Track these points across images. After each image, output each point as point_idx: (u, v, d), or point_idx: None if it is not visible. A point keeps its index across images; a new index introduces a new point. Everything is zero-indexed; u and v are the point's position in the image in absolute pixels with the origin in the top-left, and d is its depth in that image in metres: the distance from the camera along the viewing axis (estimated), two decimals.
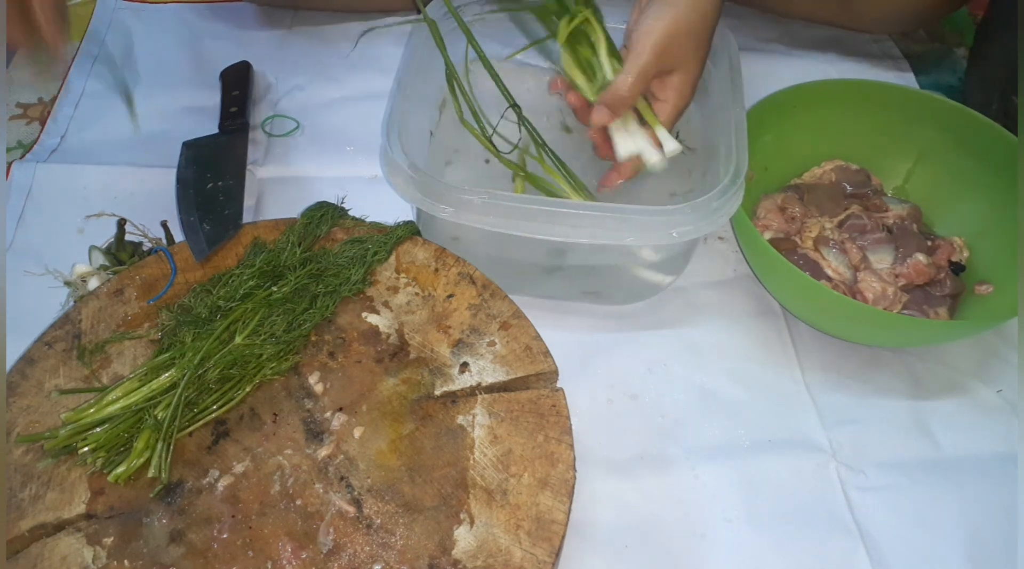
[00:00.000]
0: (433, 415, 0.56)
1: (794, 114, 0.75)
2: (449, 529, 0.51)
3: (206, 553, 0.50)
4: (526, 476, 0.53)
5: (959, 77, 0.93)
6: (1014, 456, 0.63)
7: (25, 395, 0.56)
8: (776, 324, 0.71)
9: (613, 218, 0.59)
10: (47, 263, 0.71)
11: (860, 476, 0.62)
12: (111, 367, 0.58)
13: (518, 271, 0.69)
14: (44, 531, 0.51)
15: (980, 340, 0.70)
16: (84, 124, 0.84)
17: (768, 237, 0.72)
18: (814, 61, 0.92)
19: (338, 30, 0.93)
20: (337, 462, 0.54)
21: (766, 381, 0.67)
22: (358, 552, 0.51)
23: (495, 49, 0.79)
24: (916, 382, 0.68)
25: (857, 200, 0.74)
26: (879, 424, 0.65)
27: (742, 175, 0.61)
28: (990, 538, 0.59)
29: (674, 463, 0.63)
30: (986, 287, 0.69)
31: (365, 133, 0.83)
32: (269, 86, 0.88)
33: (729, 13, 0.86)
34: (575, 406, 0.57)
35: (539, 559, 0.50)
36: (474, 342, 0.60)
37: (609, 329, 0.70)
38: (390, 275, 0.64)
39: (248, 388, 0.57)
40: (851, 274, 0.69)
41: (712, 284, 0.74)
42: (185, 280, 0.63)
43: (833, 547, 0.59)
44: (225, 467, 0.54)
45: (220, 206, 0.69)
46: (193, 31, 0.94)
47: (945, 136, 0.74)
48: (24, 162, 0.78)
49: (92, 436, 0.53)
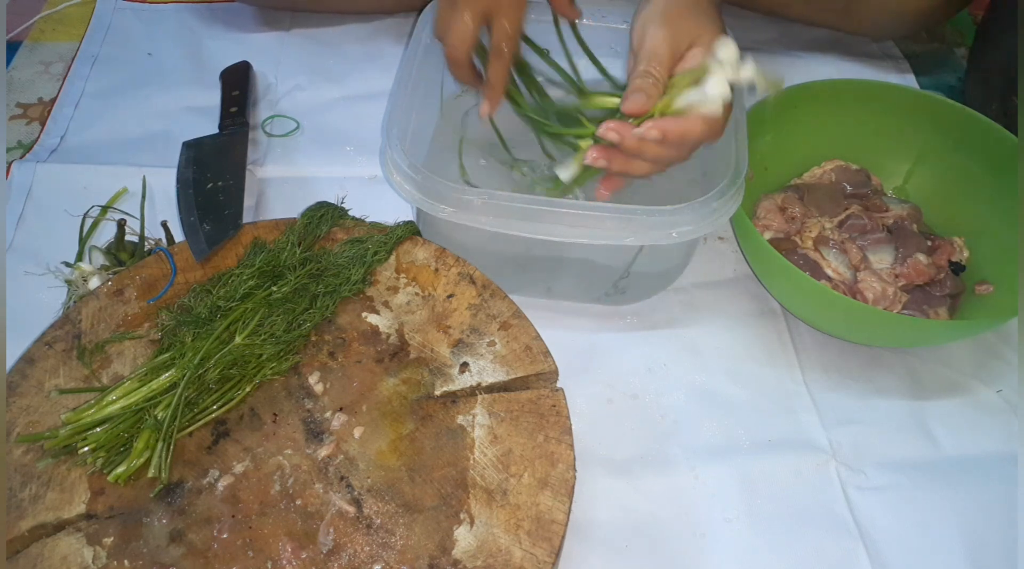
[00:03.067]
0: (433, 415, 0.56)
1: (794, 114, 0.74)
2: (449, 529, 0.51)
3: (206, 553, 0.50)
4: (526, 476, 0.53)
5: (959, 77, 0.93)
6: (1014, 456, 0.63)
7: (25, 395, 0.56)
8: (776, 324, 0.71)
9: (613, 218, 0.59)
10: (47, 263, 0.71)
11: (860, 476, 0.62)
12: (111, 367, 0.58)
13: (518, 271, 0.69)
14: (44, 531, 0.51)
15: (980, 340, 0.70)
16: (84, 124, 0.83)
17: (768, 237, 0.72)
18: (814, 61, 0.92)
19: (338, 30, 0.93)
20: (337, 462, 0.54)
21: (766, 381, 0.67)
22: (358, 552, 0.51)
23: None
24: (916, 382, 0.68)
25: (857, 200, 0.74)
26: (879, 424, 0.65)
27: (742, 175, 0.61)
28: (990, 538, 0.59)
29: (674, 463, 0.63)
30: (986, 287, 0.69)
31: (365, 133, 0.83)
32: (269, 86, 0.88)
33: (729, 13, 0.86)
34: (575, 406, 0.57)
35: (539, 559, 0.50)
36: (474, 342, 0.60)
37: (609, 329, 0.70)
38: (390, 275, 0.64)
39: (248, 388, 0.57)
40: (851, 274, 0.69)
41: (712, 284, 0.74)
42: (185, 280, 0.63)
43: (833, 547, 0.59)
44: (225, 467, 0.54)
45: (220, 206, 0.69)
46: (193, 31, 0.94)
47: (945, 136, 0.74)
48: (24, 162, 0.78)
49: (92, 436, 0.53)
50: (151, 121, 0.84)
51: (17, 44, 0.93)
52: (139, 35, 0.93)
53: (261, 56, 0.89)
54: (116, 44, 0.92)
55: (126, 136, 0.82)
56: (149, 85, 0.87)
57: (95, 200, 0.75)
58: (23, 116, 0.86)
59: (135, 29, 0.94)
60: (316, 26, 0.94)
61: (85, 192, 0.76)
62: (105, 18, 0.95)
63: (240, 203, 0.70)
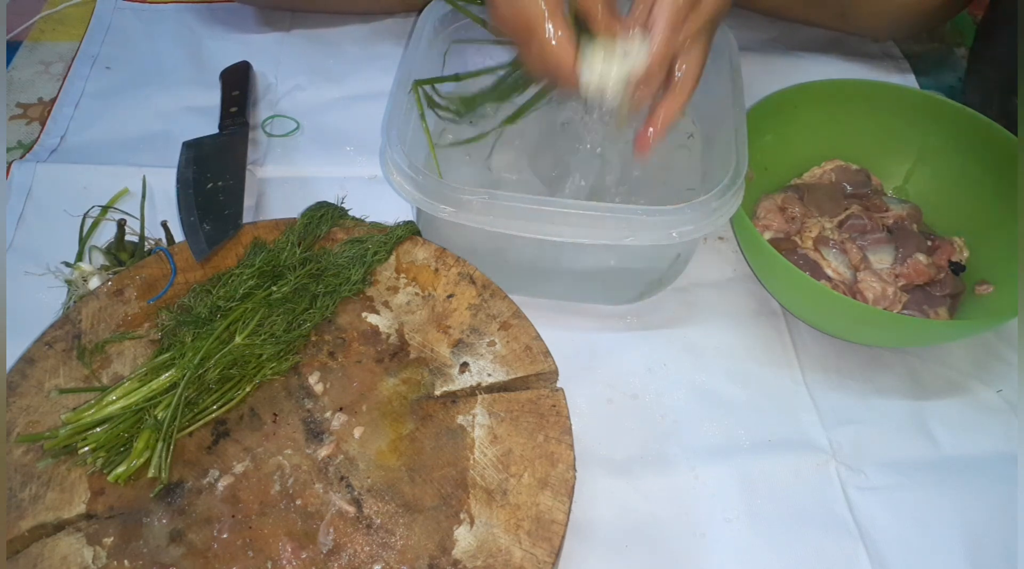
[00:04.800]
0: (433, 415, 0.56)
1: (794, 114, 0.74)
2: (449, 529, 0.51)
3: (206, 553, 0.50)
4: (526, 476, 0.53)
5: (959, 77, 0.93)
6: (1014, 456, 0.63)
7: (25, 395, 0.56)
8: (776, 324, 0.71)
9: (613, 218, 0.59)
10: (47, 263, 0.71)
11: (860, 476, 0.62)
12: (111, 367, 0.58)
13: (518, 271, 0.69)
14: (44, 531, 0.51)
15: (980, 340, 0.70)
16: (84, 124, 0.83)
17: (768, 237, 0.72)
18: (814, 61, 0.92)
19: (338, 30, 0.93)
20: (337, 462, 0.54)
21: (766, 381, 0.67)
22: (358, 552, 0.51)
23: (507, 53, 0.79)
24: (916, 382, 0.68)
25: (857, 200, 0.74)
26: (879, 424, 0.65)
27: (742, 175, 0.61)
28: (990, 538, 0.59)
29: (674, 463, 0.63)
30: (986, 287, 0.69)
31: (365, 133, 0.83)
32: (269, 86, 0.88)
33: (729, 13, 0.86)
34: (575, 406, 0.57)
35: (539, 559, 0.50)
36: (474, 342, 0.60)
37: (609, 329, 0.70)
38: (390, 275, 0.64)
39: (248, 388, 0.57)
40: (851, 274, 0.69)
41: (712, 284, 0.74)
42: (185, 280, 0.63)
43: (833, 547, 0.59)
44: (225, 467, 0.54)
45: (220, 206, 0.69)
46: (193, 31, 0.94)
47: (945, 136, 0.74)
48: (24, 162, 0.78)
49: (92, 436, 0.53)
50: (151, 121, 0.84)
51: (17, 44, 0.93)
52: (139, 35, 0.93)
53: (261, 56, 0.89)
54: (116, 44, 0.92)
55: (126, 136, 0.82)
56: (149, 85, 0.87)
57: (95, 200, 0.75)
58: (23, 116, 0.86)
59: (135, 29, 0.94)
60: (316, 26, 0.94)
61: (85, 192, 0.76)
62: (105, 18, 0.95)
63: (240, 203, 0.70)
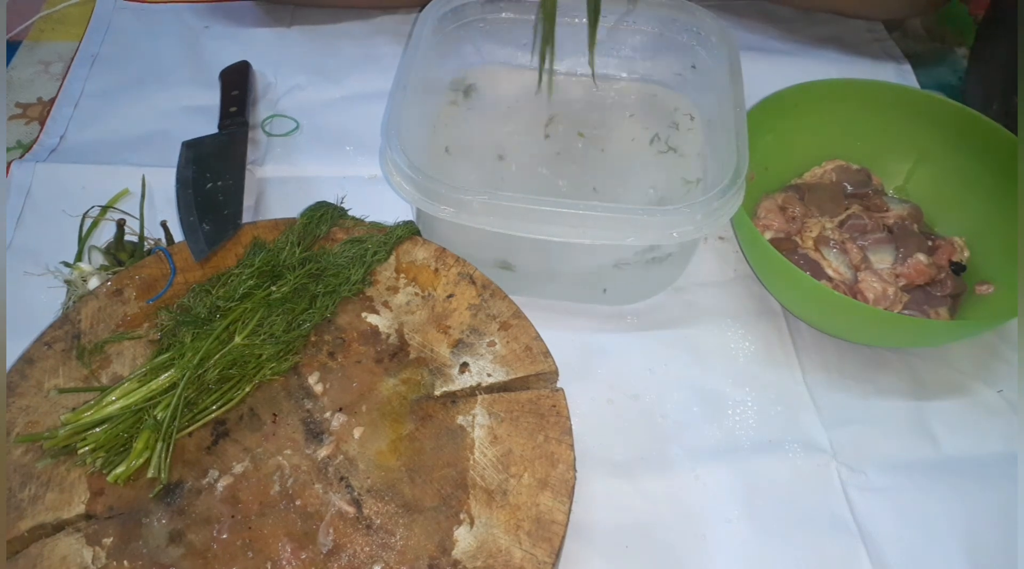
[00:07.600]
0: (433, 415, 0.56)
1: (794, 114, 0.74)
2: (449, 529, 0.51)
3: (206, 553, 0.50)
4: (526, 476, 0.53)
5: (959, 77, 0.93)
6: (1014, 456, 0.63)
7: (24, 395, 0.56)
8: (776, 324, 0.71)
9: (613, 218, 0.59)
10: (46, 263, 0.71)
11: (861, 476, 0.62)
12: (110, 367, 0.58)
13: (518, 271, 0.69)
14: (44, 531, 0.51)
15: (980, 340, 0.70)
16: (83, 124, 0.83)
17: (768, 237, 0.71)
18: (814, 60, 0.92)
19: (338, 29, 0.93)
20: (337, 462, 0.54)
21: (766, 381, 0.67)
22: (358, 552, 0.50)
23: (507, 53, 0.79)
24: (917, 382, 0.68)
25: (858, 200, 0.74)
26: (880, 424, 0.65)
27: (742, 175, 0.61)
28: (990, 538, 0.59)
29: (674, 463, 0.62)
30: (987, 287, 0.69)
31: (365, 133, 0.83)
32: (269, 86, 0.88)
33: (729, 10, 0.86)
34: (575, 406, 0.57)
35: (539, 559, 0.50)
36: (474, 342, 0.60)
37: (609, 329, 0.70)
38: (390, 275, 0.64)
39: (248, 388, 0.57)
40: (851, 274, 0.68)
41: (712, 284, 0.74)
42: (184, 280, 0.63)
43: (833, 547, 0.59)
44: (225, 467, 0.54)
45: (220, 206, 0.69)
46: (193, 31, 0.93)
47: (945, 136, 0.74)
48: (23, 162, 0.78)
49: (91, 436, 0.53)
50: (151, 121, 0.83)
51: (17, 44, 0.93)
52: (139, 35, 0.93)
53: (261, 56, 0.89)
54: (116, 44, 0.92)
55: (125, 136, 0.82)
56: (148, 85, 0.87)
57: (94, 200, 0.75)
58: (22, 116, 0.85)
59: (135, 29, 0.94)
60: (316, 25, 0.94)
61: (84, 192, 0.76)
62: (105, 18, 0.95)
63: (240, 203, 0.70)
